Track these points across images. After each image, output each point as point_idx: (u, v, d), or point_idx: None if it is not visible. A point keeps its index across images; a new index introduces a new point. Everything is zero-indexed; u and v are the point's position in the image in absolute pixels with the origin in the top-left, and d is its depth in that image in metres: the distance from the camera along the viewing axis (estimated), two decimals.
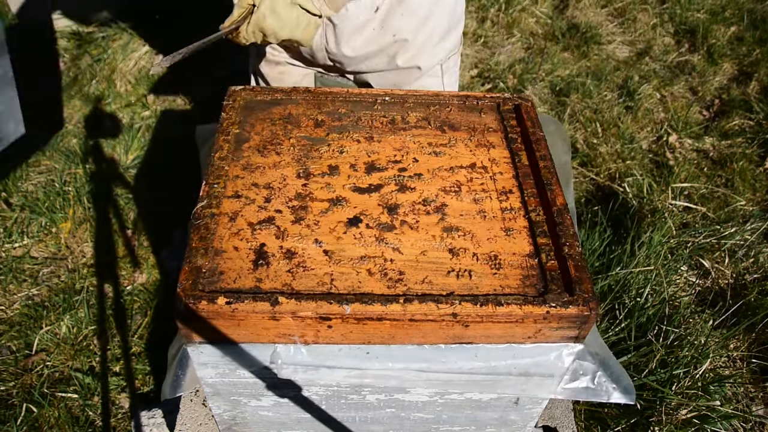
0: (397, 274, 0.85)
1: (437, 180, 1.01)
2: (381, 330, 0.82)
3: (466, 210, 0.96)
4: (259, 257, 0.86)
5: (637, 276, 1.77)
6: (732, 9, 3.27)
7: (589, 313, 0.82)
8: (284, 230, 0.90)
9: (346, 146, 1.06)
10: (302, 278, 0.84)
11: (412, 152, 1.06)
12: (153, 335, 1.74)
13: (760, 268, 1.95)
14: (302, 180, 0.99)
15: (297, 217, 0.92)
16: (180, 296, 0.79)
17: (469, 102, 1.17)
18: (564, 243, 0.89)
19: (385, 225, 0.92)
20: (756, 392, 1.64)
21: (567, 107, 2.63)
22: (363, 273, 0.85)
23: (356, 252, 0.88)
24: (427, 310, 0.80)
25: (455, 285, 0.84)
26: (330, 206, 0.95)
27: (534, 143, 1.06)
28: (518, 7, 3.21)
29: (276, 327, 0.81)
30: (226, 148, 1.02)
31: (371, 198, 0.96)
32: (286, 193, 0.96)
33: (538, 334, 0.85)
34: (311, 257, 0.86)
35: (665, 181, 2.26)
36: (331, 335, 0.83)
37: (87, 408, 1.57)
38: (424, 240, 0.90)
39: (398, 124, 1.11)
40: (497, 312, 0.80)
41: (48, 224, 2.03)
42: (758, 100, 2.66)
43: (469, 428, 1.14)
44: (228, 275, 0.83)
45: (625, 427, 1.51)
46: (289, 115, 1.11)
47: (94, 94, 2.59)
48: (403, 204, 0.96)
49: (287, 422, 1.09)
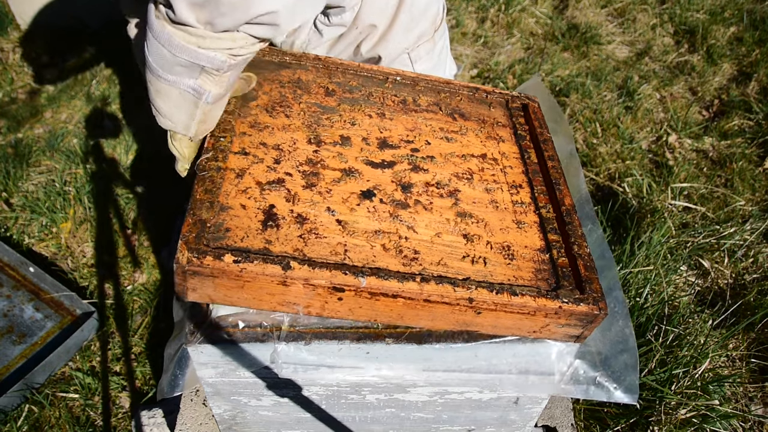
0: (412, 252, 0.82)
1: (450, 165, 0.99)
2: (392, 308, 0.80)
3: (479, 198, 0.94)
4: (268, 218, 0.81)
5: (637, 276, 1.77)
6: (731, 9, 3.27)
7: (599, 312, 0.82)
8: (295, 194, 0.86)
9: (358, 119, 1.03)
10: (314, 246, 0.79)
11: (425, 135, 1.03)
12: (153, 335, 1.74)
13: (760, 268, 1.95)
14: (313, 146, 0.95)
15: (308, 183, 0.88)
16: (182, 249, 0.73)
17: (478, 94, 1.17)
18: (573, 242, 0.89)
19: (399, 202, 0.89)
20: (755, 392, 1.64)
21: (567, 107, 2.63)
22: (377, 247, 0.82)
23: (370, 225, 0.84)
24: (443, 292, 0.78)
25: (470, 270, 0.82)
26: (342, 176, 0.91)
27: (542, 143, 1.06)
28: (518, 7, 3.21)
29: (283, 294, 0.78)
30: (233, 103, 0.97)
31: (384, 174, 0.93)
32: (296, 156, 0.92)
33: (543, 329, 0.84)
34: (324, 225, 0.82)
35: (665, 181, 2.26)
36: (338, 308, 0.80)
37: (87, 408, 1.57)
38: (439, 222, 0.88)
39: (410, 105, 1.09)
40: (512, 302, 0.79)
41: (48, 224, 2.03)
42: (758, 100, 2.67)
43: (469, 428, 1.14)
44: (235, 233, 0.78)
45: (624, 427, 1.51)
46: (298, 80, 1.07)
47: (95, 95, 2.60)
48: (417, 184, 0.93)
49: (287, 422, 1.09)
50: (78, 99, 2.58)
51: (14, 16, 2.89)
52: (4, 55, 2.80)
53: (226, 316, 0.87)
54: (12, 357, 1.62)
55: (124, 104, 2.56)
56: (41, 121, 2.48)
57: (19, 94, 2.63)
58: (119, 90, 2.63)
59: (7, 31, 2.90)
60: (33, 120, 2.48)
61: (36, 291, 1.77)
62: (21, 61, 2.78)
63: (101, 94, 2.60)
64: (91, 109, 2.52)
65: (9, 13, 2.89)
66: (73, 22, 2.87)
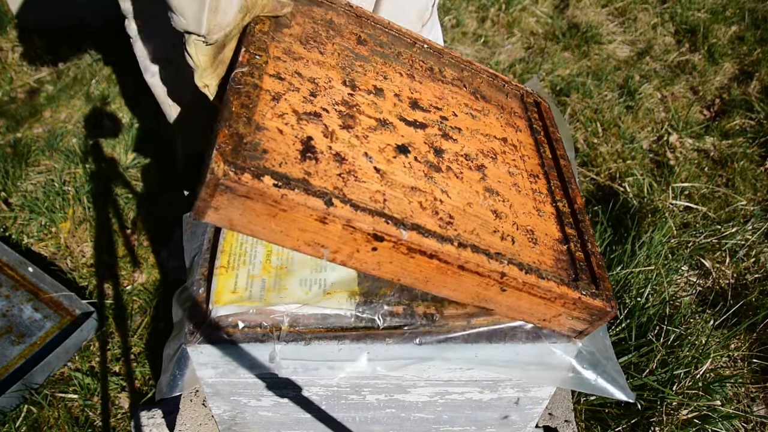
0: (447, 216, 0.79)
1: (475, 141, 0.96)
2: (422, 269, 0.76)
3: (503, 179, 0.92)
4: (306, 149, 0.74)
5: (638, 276, 1.76)
6: (733, 8, 3.27)
7: (611, 310, 0.81)
8: (332, 131, 0.80)
9: (390, 75, 0.98)
10: (354, 188, 0.73)
11: (451, 106, 1.01)
12: (153, 335, 1.74)
13: (761, 268, 1.95)
14: (348, 89, 0.90)
15: (345, 124, 0.83)
16: (218, 160, 0.64)
17: (497, 81, 1.15)
18: (587, 240, 0.89)
19: (433, 165, 0.86)
20: (757, 392, 1.64)
21: (567, 107, 2.62)
22: (415, 204, 0.77)
23: (407, 181, 0.80)
24: (479, 262, 0.75)
25: (500, 246, 0.80)
26: (378, 126, 0.86)
27: (554, 141, 1.06)
28: (518, 7, 3.20)
29: (316, 232, 0.71)
30: (267, 24, 0.91)
31: (417, 134, 0.89)
32: (332, 95, 0.86)
33: (554, 318, 0.83)
34: (362, 170, 0.77)
35: (666, 180, 2.26)
36: (366, 260, 0.75)
37: (87, 408, 1.57)
38: (469, 193, 0.85)
39: (436, 75, 1.06)
40: (539, 284, 0.78)
41: (48, 224, 2.03)
42: (759, 99, 2.66)
43: (470, 428, 1.14)
44: (273, 156, 0.70)
45: (625, 427, 1.51)
46: (331, 21, 1.02)
47: (95, 94, 2.59)
48: (447, 151, 0.90)
49: (287, 422, 1.09)
50: (77, 98, 2.58)
51: (13, 15, 2.89)
52: (3, 54, 2.80)
53: (226, 316, 0.86)
54: (11, 357, 1.62)
55: (124, 104, 2.56)
56: (40, 120, 2.48)
57: (18, 94, 2.62)
58: (119, 90, 2.63)
59: (6, 30, 2.90)
60: (32, 119, 2.48)
61: (35, 291, 1.77)
62: (20, 60, 2.78)
63: (101, 94, 2.59)
64: (90, 109, 2.52)
65: (8, 12, 2.88)
66: (73, 22, 2.86)
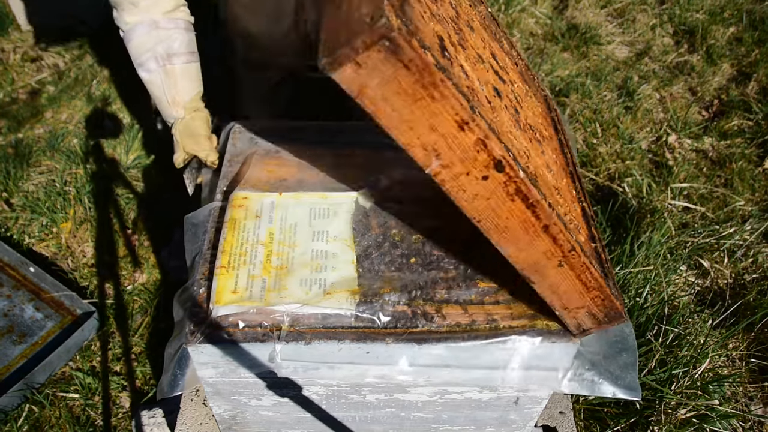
0: (533, 174, 0.74)
1: (531, 116, 0.94)
2: (510, 216, 0.71)
3: (552, 162, 0.91)
4: (442, 48, 0.65)
5: (637, 276, 1.77)
6: (731, 9, 3.28)
7: (624, 316, 0.83)
8: (455, 43, 0.72)
9: (473, 22, 0.92)
10: (487, 112, 0.67)
11: (512, 74, 0.98)
12: (153, 335, 1.75)
13: (759, 268, 1.95)
14: (453, 11, 0.82)
15: (461, 43, 0.75)
16: (390, 10, 0.53)
17: (531, 73, 1.16)
18: (603, 246, 0.91)
19: (516, 120, 0.82)
20: (755, 392, 1.64)
21: (567, 107, 2.63)
22: (515, 150, 0.71)
23: (506, 123, 0.75)
24: (561, 229, 0.73)
25: (566, 221, 0.78)
26: (478, 61, 0.79)
27: (569, 147, 1.08)
28: (518, 8, 3.21)
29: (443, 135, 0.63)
30: None
31: (498, 83, 0.84)
32: (446, 8, 0.79)
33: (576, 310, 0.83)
34: (479, 96, 0.70)
35: (664, 181, 2.26)
36: (467, 186, 0.68)
37: (88, 407, 1.58)
38: (540, 160, 0.83)
39: (499, 40, 1.04)
40: (591, 269, 0.77)
41: (49, 224, 2.03)
42: (757, 100, 2.67)
43: (469, 428, 1.14)
44: (424, 37, 0.60)
45: (624, 427, 1.51)
46: None
47: (96, 95, 2.60)
48: (520, 113, 0.87)
49: (287, 422, 1.09)
50: (78, 99, 2.58)
51: (15, 16, 2.90)
52: (4, 55, 2.81)
53: (227, 316, 0.87)
54: (12, 357, 1.62)
55: (125, 104, 2.56)
56: (42, 121, 2.49)
57: (20, 94, 2.63)
58: (120, 90, 2.64)
59: (7, 31, 2.90)
60: (33, 120, 2.49)
61: (36, 291, 1.78)
62: (21, 61, 2.79)
63: (102, 94, 2.60)
64: (91, 109, 2.52)
65: (9, 13, 2.89)
66: (73, 22, 2.87)
